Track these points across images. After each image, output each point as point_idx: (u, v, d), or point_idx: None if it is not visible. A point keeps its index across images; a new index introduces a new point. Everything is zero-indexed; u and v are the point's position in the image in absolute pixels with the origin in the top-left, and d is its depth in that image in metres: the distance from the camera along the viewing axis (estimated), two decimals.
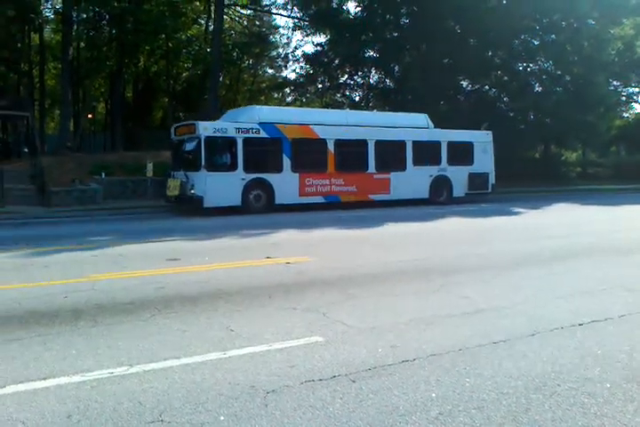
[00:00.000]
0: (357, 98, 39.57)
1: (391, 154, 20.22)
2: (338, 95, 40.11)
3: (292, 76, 49.97)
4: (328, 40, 36.27)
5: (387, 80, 37.45)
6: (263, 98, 45.27)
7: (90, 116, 41.86)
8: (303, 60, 38.37)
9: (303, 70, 38.89)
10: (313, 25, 36.71)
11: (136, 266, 8.09)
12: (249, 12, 41.10)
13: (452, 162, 21.13)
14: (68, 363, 4.20)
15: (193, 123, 17.41)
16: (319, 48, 36.68)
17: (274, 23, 44.68)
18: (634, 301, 5.97)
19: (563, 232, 12.12)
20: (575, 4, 30.86)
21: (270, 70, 47.82)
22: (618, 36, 35.52)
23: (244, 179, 17.07)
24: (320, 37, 38.26)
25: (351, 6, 36.85)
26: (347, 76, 37.91)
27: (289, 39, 64.19)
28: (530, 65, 35.80)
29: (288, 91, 43.38)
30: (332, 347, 4.51)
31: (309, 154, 18.58)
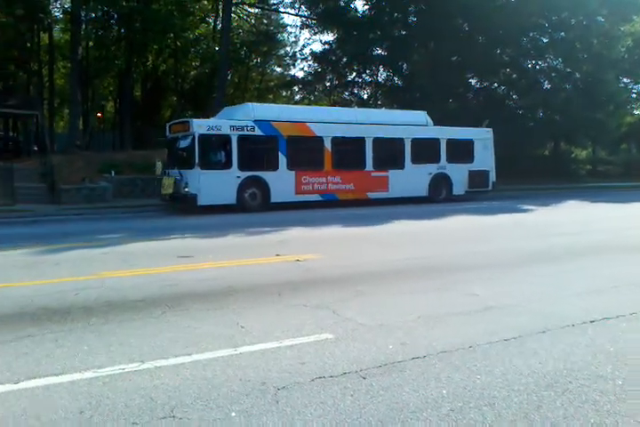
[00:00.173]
0: (365, 96, 39.65)
1: (389, 151, 20.04)
2: (346, 93, 40.15)
3: (301, 74, 50.22)
4: (336, 38, 36.30)
5: (395, 78, 37.42)
6: (271, 96, 45.35)
7: (99, 114, 42.08)
8: (311, 59, 38.51)
9: (311, 68, 39.01)
10: (321, 23, 36.72)
11: (145, 263, 8.12)
12: (257, 10, 41.16)
13: (451, 159, 20.89)
14: (79, 359, 4.22)
15: (187, 120, 17.33)
16: (327, 46, 36.79)
17: (282, 22, 44.78)
18: None
19: (573, 230, 12.07)
20: (584, 1, 30.72)
21: (278, 69, 47.93)
22: (628, 32, 35.21)
23: (239, 177, 16.93)
24: (328, 36, 38.32)
25: (359, 4, 37.15)
26: (355, 74, 37.91)
27: (297, 37, 64.69)
28: (539, 62, 35.67)
29: (296, 89, 43.49)
30: (343, 344, 4.51)
31: (306, 152, 18.42)
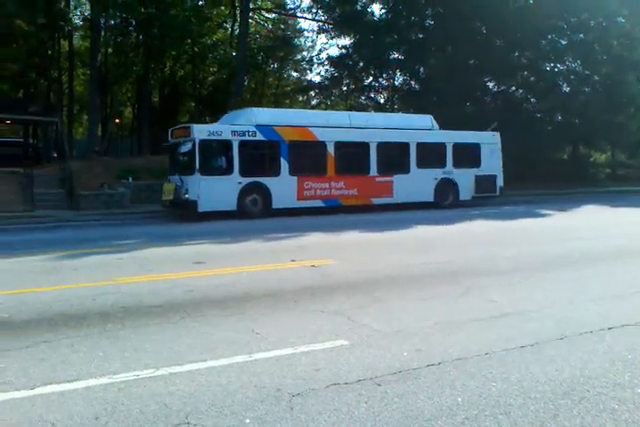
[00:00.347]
0: (382, 100, 39.53)
1: (394, 156, 19.60)
2: (362, 98, 40.08)
3: (317, 78, 50.26)
4: (353, 43, 36.25)
5: (412, 82, 37.28)
6: (288, 101, 45.49)
7: (117, 120, 42.48)
8: (328, 63, 38.45)
9: (328, 73, 38.90)
10: (337, 28, 36.72)
11: (162, 269, 8.17)
12: (274, 15, 41.36)
13: (457, 164, 20.39)
14: (95, 365, 4.26)
15: (188, 126, 17.20)
16: (344, 51, 36.71)
17: (298, 26, 44.91)
18: None
19: (592, 234, 11.94)
20: (604, 2, 30.37)
21: (295, 73, 48.07)
22: None
23: (240, 182, 16.65)
24: (345, 40, 38.22)
25: (376, 8, 36.92)
26: (371, 78, 37.83)
27: (313, 42, 64.66)
28: (557, 65, 35.30)
29: (313, 94, 43.49)
30: (358, 350, 4.50)
31: (308, 157, 18.10)
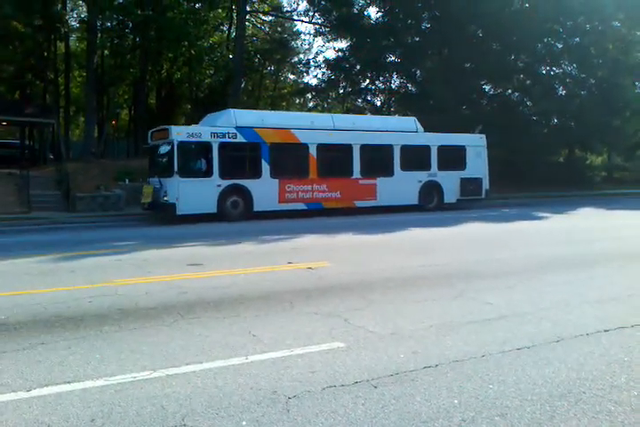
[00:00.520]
0: (379, 103, 39.65)
1: (378, 159, 19.46)
2: (359, 100, 40.21)
3: (314, 81, 50.26)
4: (349, 46, 36.36)
5: (408, 85, 37.42)
6: (285, 104, 45.50)
7: (114, 122, 42.41)
8: (324, 66, 38.53)
9: (324, 76, 39.00)
10: (334, 31, 36.83)
11: (158, 271, 8.16)
12: (271, 18, 41.38)
13: (442, 167, 20.30)
14: (92, 367, 4.25)
15: (167, 127, 16.97)
16: (340, 54, 36.82)
17: (295, 29, 44.90)
18: None
19: (588, 237, 11.96)
20: (600, 5, 30.53)
21: (292, 76, 48.15)
22: None
23: (219, 185, 16.53)
24: (341, 43, 38.40)
25: (372, 12, 37.09)
26: (368, 81, 37.93)
27: (310, 45, 64.80)
28: (553, 68, 35.47)
29: (309, 96, 43.57)
30: (354, 352, 4.49)
31: (290, 159, 18.05)
